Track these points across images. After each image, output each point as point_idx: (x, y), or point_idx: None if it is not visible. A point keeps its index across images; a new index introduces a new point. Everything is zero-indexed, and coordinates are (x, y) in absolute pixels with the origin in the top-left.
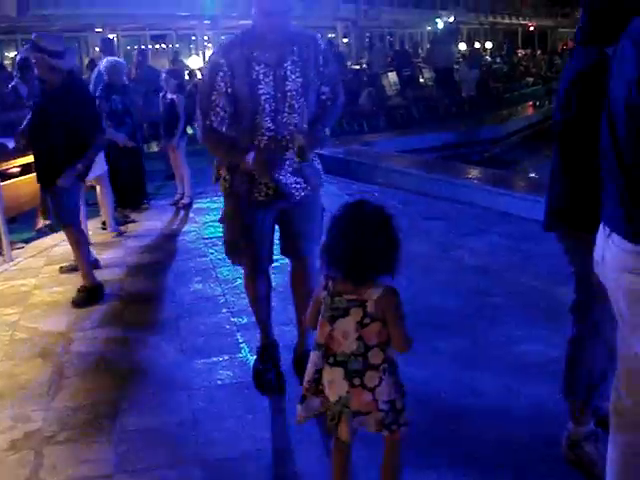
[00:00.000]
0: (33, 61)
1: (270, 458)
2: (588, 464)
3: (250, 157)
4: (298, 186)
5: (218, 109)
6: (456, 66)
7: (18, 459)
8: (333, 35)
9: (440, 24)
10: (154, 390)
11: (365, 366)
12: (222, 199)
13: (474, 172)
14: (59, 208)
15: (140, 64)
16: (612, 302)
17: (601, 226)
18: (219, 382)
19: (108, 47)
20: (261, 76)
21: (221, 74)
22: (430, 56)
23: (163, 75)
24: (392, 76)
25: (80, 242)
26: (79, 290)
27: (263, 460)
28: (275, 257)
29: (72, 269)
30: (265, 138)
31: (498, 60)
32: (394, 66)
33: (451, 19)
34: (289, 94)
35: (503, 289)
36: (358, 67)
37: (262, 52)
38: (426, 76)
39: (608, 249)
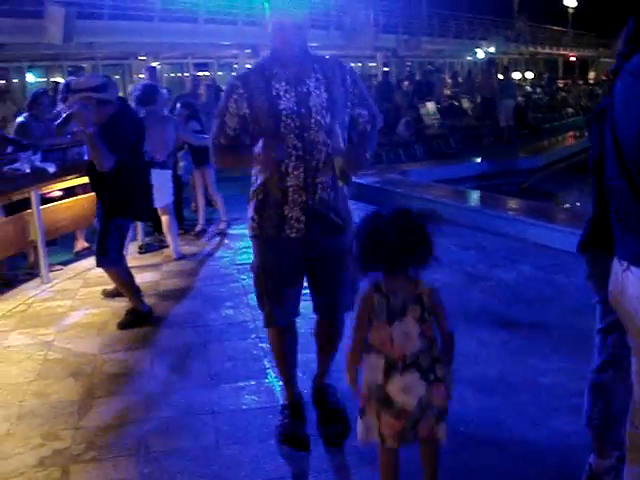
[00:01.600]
0: (77, 106)
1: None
2: None
3: (258, 149)
4: (325, 222)
5: (228, 130)
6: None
7: (45, 476)
8: (374, 64)
9: (480, 54)
10: (180, 413)
11: (432, 360)
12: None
13: (507, 202)
14: (102, 250)
15: (208, 88)
16: (629, 333)
17: (616, 260)
18: (244, 406)
19: (153, 75)
20: (282, 92)
21: (235, 96)
22: (471, 86)
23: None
24: (430, 105)
25: (121, 278)
26: (127, 313)
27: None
28: None
29: (114, 294)
30: (293, 158)
31: (538, 90)
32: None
33: (491, 49)
34: (314, 109)
35: (531, 321)
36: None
37: (282, 70)
38: (465, 106)
39: (627, 281)
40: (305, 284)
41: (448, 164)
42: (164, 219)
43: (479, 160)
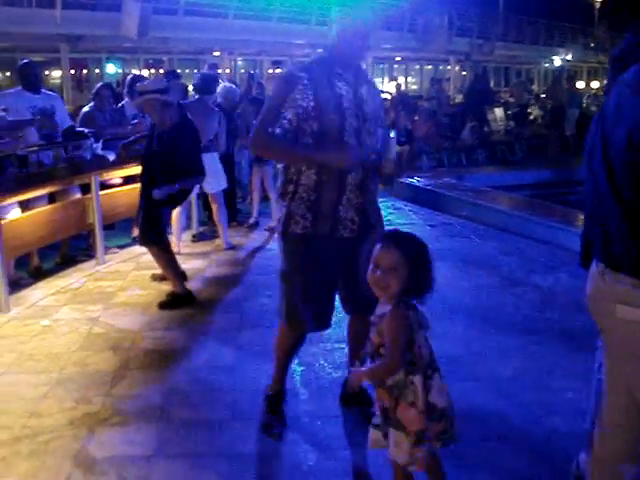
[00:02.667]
0: (143, 107)
1: (298, 458)
2: None
3: (330, 154)
4: (350, 225)
5: (284, 121)
6: None
7: (73, 434)
8: (449, 67)
9: (557, 61)
10: (204, 389)
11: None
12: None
13: (552, 210)
14: (146, 229)
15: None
16: (605, 337)
17: (594, 262)
18: (263, 387)
19: (213, 71)
20: (344, 92)
21: (300, 87)
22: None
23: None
24: (499, 111)
25: (163, 258)
26: (168, 294)
27: (290, 459)
28: None
29: (162, 278)
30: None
31: None
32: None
33: (569, 57)
34: (368, 115)
35: (555, 327)
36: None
37: (343, 70)
38: (535, 113)
39: (603, 283)
40: None
41: (507, 170)
42: (214, 208)
43: (540, 168)
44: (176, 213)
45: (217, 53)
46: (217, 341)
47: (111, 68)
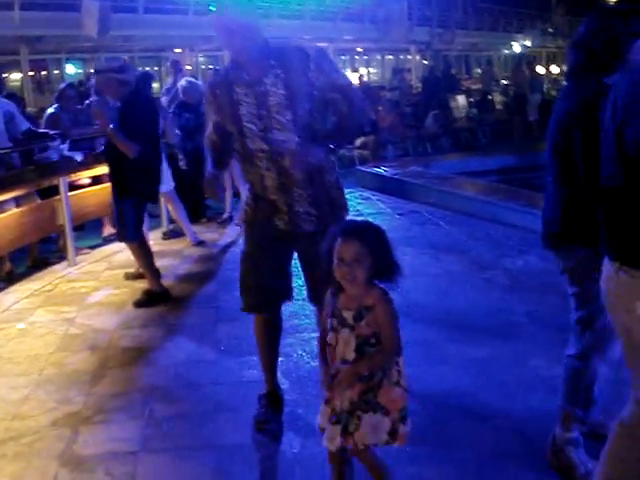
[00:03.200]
0: (101, 86)
1: (283, 446)
2: (567, 469)
3: (208, 173)
4: (308, 217)
5: (210, 133)
6: None
7: (57, 434)
8: (409, 57)
9: (516, 48)
10: (185, 383)
11: None
12: None
13: (519, 194)
14: (122, 224)
15: None
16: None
17: (607, 260)
18: (244, 379)
19: (177, 68)
20: (242, 96)
21: (208, 104)
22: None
23: None
24: (461, 99)
25: (142, 254)
26: (143, 292)
27: (275, 447)
28: None
29: (136, 276)
30: (264, 162)
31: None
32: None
33: (528, 43)
34: (274, 109)
35: (528, 307)
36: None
37: (240, 73)
38: (497, 100)
39: (619, 281)
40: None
41: (472, 157)
42: (170, 207)
43: (505, 153)
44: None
45: (178, 50)
46: (195, 336)
47: (70, 69)
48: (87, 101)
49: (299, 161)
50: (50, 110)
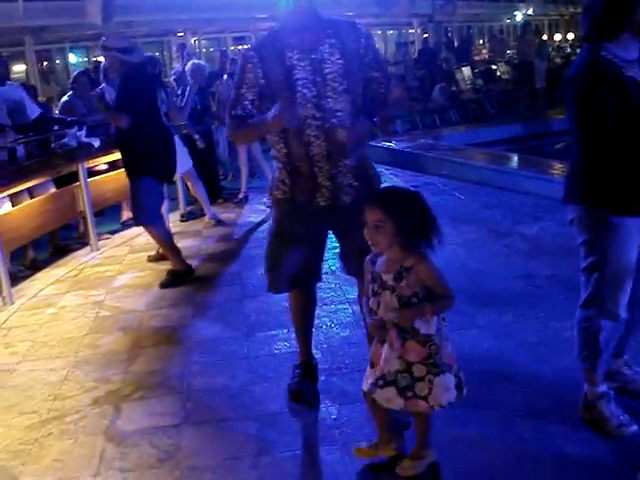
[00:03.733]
0: (106, 62)
1: (321, 414)
2: (599, 422)
3: (271, 113)
4: (349, 189)
5: (246, 102)
6: None
7: (100, 412)
8: (412, 31)
9: (519, 17)
10: (218, 358)
11: None
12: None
13: (533, 162)
14: (138, 209)
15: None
16: None
17: None
18: (276, 351)
19: (184, 52)
20: (295, 62)
21: (250, 66)
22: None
23: None
24: (466, 70)
25: (161, 237)
26: (168, 273)
27: (313, 414)
28: None
29: (158, 258)
30: (313, 129)
31: (578, 51)
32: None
33: (530, 11)
34: (330, 77)
35: (548, 271)
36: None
37: (294, 38)
38: (502, 70)
39: None
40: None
41: (481, 128)
42: (190, 184)
43: (513, 123)
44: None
45: (181, 34)
46: (223, 314)
47: (72, 58)
48: (97, 89)
49: (353, 130)
50: (64, 98)
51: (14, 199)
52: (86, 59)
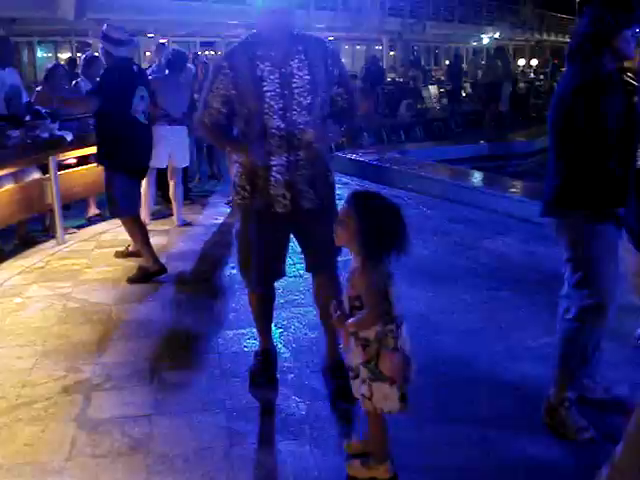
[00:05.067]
0: (102, 50)
1: (291, 409)
2: (560, 426)
3: (242, 147)
4: (307, 195)
5: (212, 110)
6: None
7: (70, 400)
8: (380, 47)
9: (485, 40)
10: (189, 353)
11: None
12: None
13: (497, 181)
14: (110, 201)
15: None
16: None
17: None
18: (245, 349)
19: (161, 51)
20: (266, 74)
21: (221, 77)
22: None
23: None
24: (433, 89)
25: (136, 230)
26: (139, 269)
27: (283, 410)
28: None
29: (126, 254)
30: (276, 138)
31: (541, 77)
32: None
33: (497, 35)
34: (296, 91)
35: (510, 284)
36: (401, 79)
37: (267, 51)
38: (467, 91)
39: None
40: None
41: (447, 145)
42: (172, 184)
43: (477, 142)
44: (144, 186)
45: (151, 35)
46: (192, 310)
47: (39, 52)
48: (75, 81)
49: (315, 141)
50: (38, 89)
51: None
52: (51, 54)
